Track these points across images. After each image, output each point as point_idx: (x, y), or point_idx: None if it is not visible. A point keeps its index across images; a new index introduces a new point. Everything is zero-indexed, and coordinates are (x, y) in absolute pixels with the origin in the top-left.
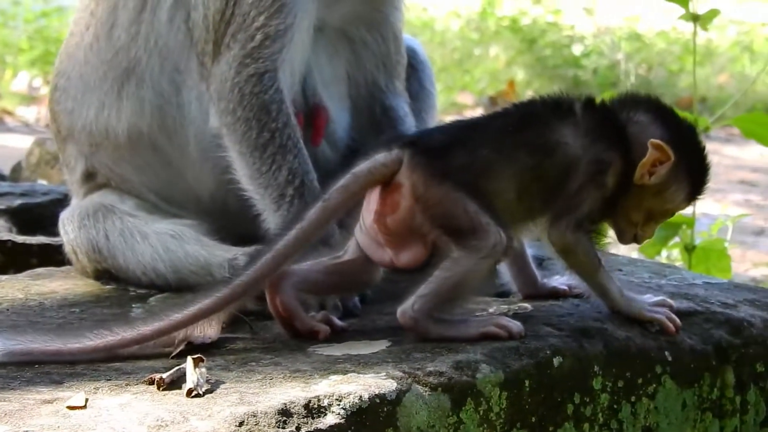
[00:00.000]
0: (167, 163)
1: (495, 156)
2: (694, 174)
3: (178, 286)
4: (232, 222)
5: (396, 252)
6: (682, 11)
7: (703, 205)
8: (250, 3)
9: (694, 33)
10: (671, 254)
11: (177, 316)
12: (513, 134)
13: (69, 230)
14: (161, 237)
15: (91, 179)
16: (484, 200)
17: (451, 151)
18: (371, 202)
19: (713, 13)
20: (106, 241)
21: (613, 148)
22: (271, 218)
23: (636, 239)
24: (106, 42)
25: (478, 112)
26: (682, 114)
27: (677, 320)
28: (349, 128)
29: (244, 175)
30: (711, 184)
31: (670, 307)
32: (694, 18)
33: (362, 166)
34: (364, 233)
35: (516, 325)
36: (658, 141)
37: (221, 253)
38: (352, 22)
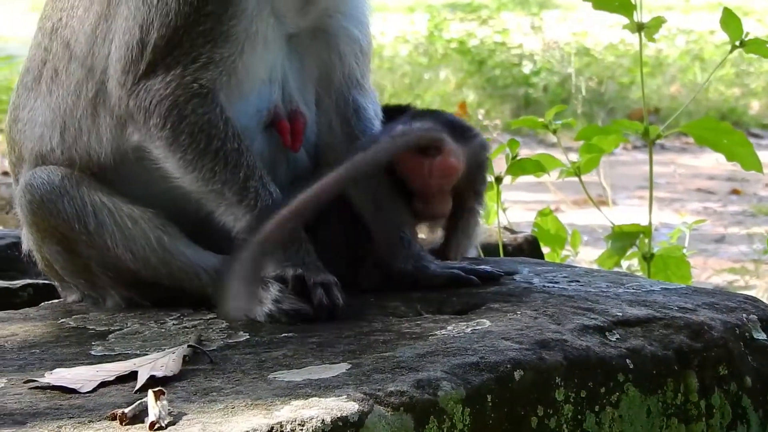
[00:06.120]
0: (150, 178)
1: None
2: None
3: (169, 283)
4: (209, 232)
5: (438, 205)
6: (627, 22)
7: (662, 216)
8: (199, 31)
9: (641, 43)
10: (631, 264)
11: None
12: None
13: (41, 182)
14: (151, 226)
15: None
16: None
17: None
18: (422, 168)
19: (658, 22)
20: (92, 213)
21: None
22: (232, 210)
23: None
24: (66, 74)
25: None
26: (634, 125)
27: None
28: (316, 129)
29: (192, 177)
30: (668, 194)
31: None
32: (639, 27)
33: (415, 127)
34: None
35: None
36: None
37: (207, 256)
38: (332, 15)
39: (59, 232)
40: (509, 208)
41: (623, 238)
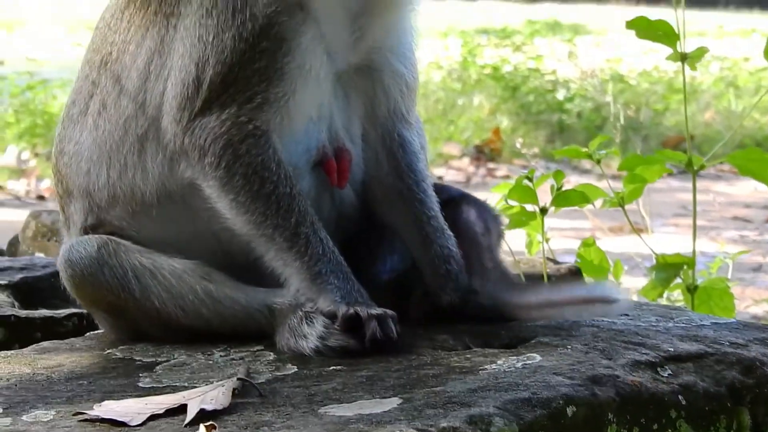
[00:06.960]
0: (195, 217)
1: None
2: None
3: (224, 330)
4: (253, 273)
5: None
6: (668, 51)
7: (699, 244)
8: (254, 68)
9: (683, 73)
10: (671, 295)
11: None
12: None
13: (79, 256)
14: (196, 279)
15: (96, 230)
16: None
17: None
18: None
19: (701, 52)
20: (135, 279)
21: None
22: (282, 255)
23: None
24: (115, 109)
25: (464, 161)
26: (677, 155)
27: None
28: (362, 164)
29: (244, 220)
30: (704, 222)
31: None
32: (683, 57)
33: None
34: None
35: None
36: None
37: (257, 295)
38: (378, 51)
39: (105, 302)
40: (548, 237)
41: (667, 269)
